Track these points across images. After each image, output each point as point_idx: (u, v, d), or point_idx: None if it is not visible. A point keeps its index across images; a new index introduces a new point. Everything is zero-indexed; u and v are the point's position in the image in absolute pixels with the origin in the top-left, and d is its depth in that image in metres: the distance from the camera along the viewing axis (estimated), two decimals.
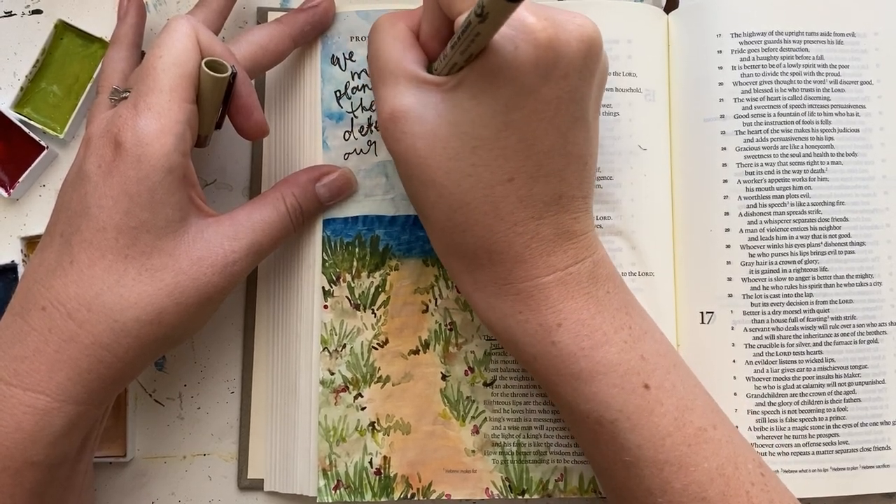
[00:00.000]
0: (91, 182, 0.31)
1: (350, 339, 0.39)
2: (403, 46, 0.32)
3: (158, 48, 0.32)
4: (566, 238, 0.32)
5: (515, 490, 0.39)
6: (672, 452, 0.31)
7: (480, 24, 0.27)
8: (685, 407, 0.32)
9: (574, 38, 0.29)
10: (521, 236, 0.31)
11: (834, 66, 0.40)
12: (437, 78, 0.31)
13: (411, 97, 0.31)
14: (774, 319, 0.38)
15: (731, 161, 0.39)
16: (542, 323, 0.32)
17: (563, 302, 0.32)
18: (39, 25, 0.42)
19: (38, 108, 0.41)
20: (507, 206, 0.31)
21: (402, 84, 0.31)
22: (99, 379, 0.31)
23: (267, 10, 0.42)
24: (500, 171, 0.31)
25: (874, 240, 0.39)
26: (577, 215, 0.32)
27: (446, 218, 0.32)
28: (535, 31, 0.29)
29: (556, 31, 0.29)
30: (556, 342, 0.31)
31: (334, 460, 0.39)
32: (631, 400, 0.31)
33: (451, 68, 0.31)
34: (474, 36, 0.28)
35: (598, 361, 0.31)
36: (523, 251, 0.31)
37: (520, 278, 0.32)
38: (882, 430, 0.39)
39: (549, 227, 0.32)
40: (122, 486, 0.41)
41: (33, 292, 0.32)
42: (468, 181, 0.31)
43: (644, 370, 0.32)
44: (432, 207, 0.32)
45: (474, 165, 0.31)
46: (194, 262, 0.33)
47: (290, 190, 0.37)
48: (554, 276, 0.32)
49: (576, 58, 0.30)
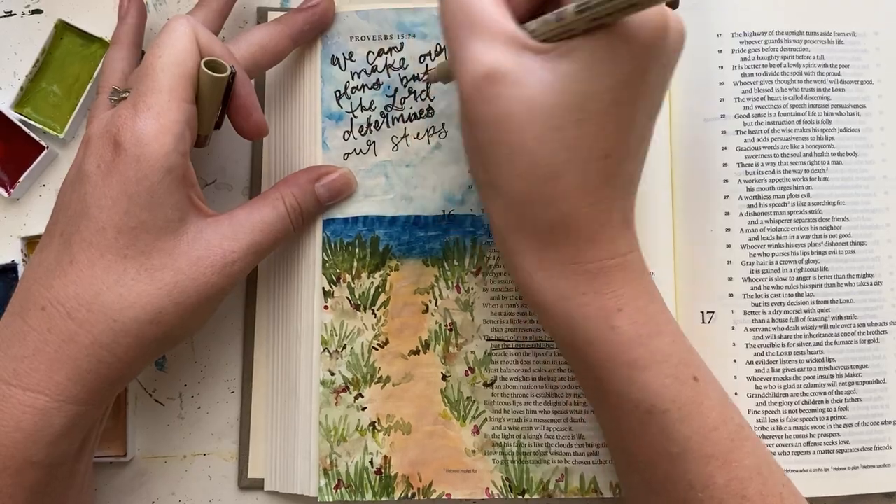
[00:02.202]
0: (90, 182, 0.31)
1: (350, 340, 0.39)
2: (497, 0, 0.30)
3: (157, 48, 0.32)
4: (627, 225, 0.32)
5: (516, 490, 0.39)
6: (718, 446, 0.31)
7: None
8: (726, 402, 0.32)
9: (676, 29, 0.29)
10: (601, 215, 0.31)
11: (834, 65, 0.40)
12: (539, 45, 0.29)
13: (513, 58, 0.29)
14: (775, 319, 0.38)
15: (731, 161, 0.39)
16: (602, 306, 0.31)
17: (624, 287, 0.31)
18: (39, 25, 0.42)
19: (39, 108, 0.41)
20: (596, 182, 0.30)
21: (501, 41, 0.29)
22: (98, 379, 0.31)
23: (267, 10, 0.42)
24: (598, 147, 0.30)
25: (875, 239, 0.39)
26: (633, 203, 0.32)
27: (532, 189, 0.30)
28: (668, 18, 0.28)
29: (668, 18, 0.29)
30: (615, 327, 0.31)
31: (335, 460, 0.39)
32: (683, 391, 0.31)
33: (562, 33, 0.28)
34: (628, 4, 0.26)
35: (654, 350, 0.31)
36: (598, 230, 0.31)
37: (587, 258, 0.31)
38: (883, 430, 0.39)
39: (620, 211, 0.31)
40: (123, 486, 0.41)
41: (33, 292, 0.32)
42: (565, 154, 0.29)
43: (693, 363, 0.32)
44: (517, 177, 0.30)
45: (577, 138, 0.29)
46: (193, 262, 0.33)
47: (289, 190, 0.37)
48: (616, 261, 0.31)
49: (676, 49, 0.30)
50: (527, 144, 0.29)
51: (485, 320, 0.39)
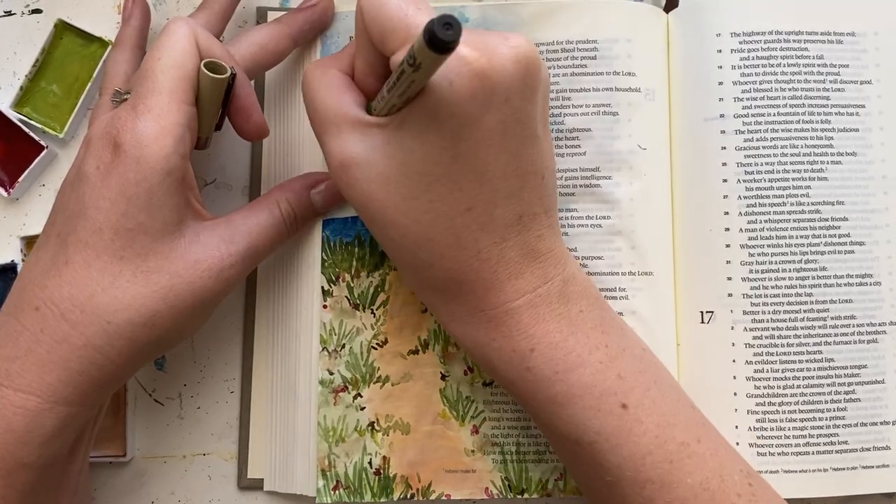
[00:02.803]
0: (89, 183, 0.31)
1: (349, 339, 0.39)
2: (339, 92, 0.32)
3: (157, 50, 0.32)
4: (532, 258, 0.32)
5: (515, 489, 0.39)
6: (654, 471, 0.31)
7: (414, 73, 0.27)
8: (666, 423, 0.31)
9: (509, 62, 0.29)
10: (487, 262, 0.31)
11: (834, 65, 0.40)
12: (379, 119, 0.31)
13: (358, 143, 0.31)
14: (774, 319, 0.38)
15: (730, 160, 0.39)
16: (515, 349, 0.32)
17: (535, 326, 0.31)
18: (39, 25, 0.42)
19: (38, 108, 0.41)
20: (469, 235, 0.31)
21: (346, 131, 0.31)
22: (90, 381, 0.31)
23: (266, 10, 0.42)
24: (457, 203, 0.30)
25: (874, 239, 0.39)
26: (541, 232, 0.32)
27: (411, 256, 0.32)
28: (468, 63, 0.28)
29: (489, 58, 0.28)
30: (530, 368, 0.31)
31: (333, 460, 0.39)
32: (608, 421, 0.31)
33: (390, 109, 0.30)
34: (409, 83, 0.27)
35: (572, 385, 0.31)
36: (491, 277, 0.31)
37: (490, 305, 0.32)
38: (882, 430, 0.39)
39: (513, 249, 0.31)
40: (122, 486, 0.41)
41: (27, 292, 0.32)
42: (427, 217, 0.31)
43: (621, 389, 0.31)
44: (396, 248, 0.32)
45: (431, 202, 0.30)
46: (190, 266, 0.32)
47: (284, 195, 0.37)
48: (524, 300, 0.31)
49: (514, 81, 0.29)
50: (391, 217, 0.31)
51: None
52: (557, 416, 0.31)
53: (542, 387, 0.31)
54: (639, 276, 0.39)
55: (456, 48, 0.24)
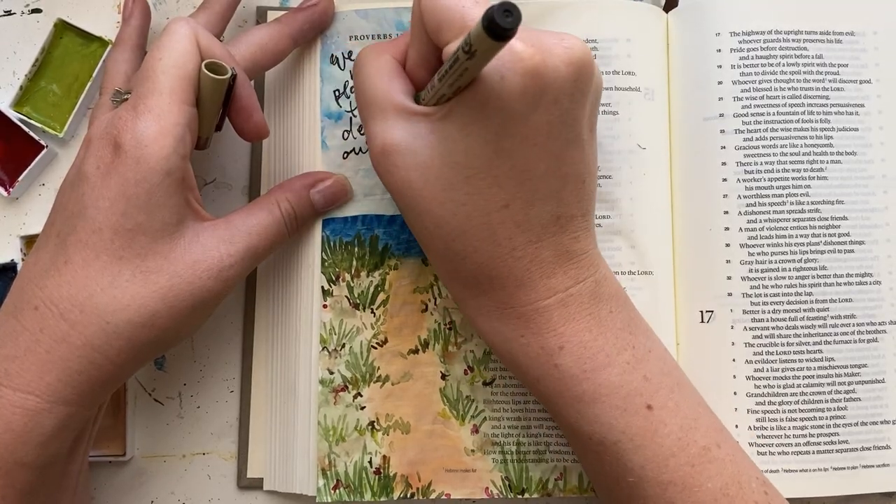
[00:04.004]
0: (89, 183, 0.31)
1: (349, 339, 0.39)
2: (389, 77, 0.32)
3: (158, 50, 0.32)
4: (566, 259, 0.32)
5: (515, 489, 0.39)
6: (676, 473, 0.31)
7: (468, 60, 0.26)
8: (689, 427, 0.32)
9: (562, 63, 0.29)
10: (521, 260, 0.31)
11: (833, 64, 0.40)
12: (425, 109, 0.31)
13: (401, 130, 0.31)
14: (774, 318, 0.38)
15: (730, 160, 0.39)
16: (543, 346, 0.32)
17: (565, 324, 0.31)
18: (39, 24, 0.42)
19: (38, 107, 0.41)
20: (505, 231, 0.31)
21: (391, 117, 0.31)
22: (89, 380, 0.31)
23: (266, 10, 0.42)
24: (495, 199, 0.30)
25: (874, 238, 0.39)
26: (577, 234, 0.32)
27: (445, 247, 0.32)
28: (522, 60, 0.28)
29: (543, 57, 0.28)
30: (558, 365, 0.31)
31: (333, 460, 0.39)
32: (634, 421, 0.31)
33: (438, 99, 0.30)
34: (462, 71, 0.27)
35: (600, 384, 0.31)
36: (523, 275, 0.31)
37: (521, 302, 0.32)
38: (882, 430, 0.39)
39: (548, 250, 0.31)
40: (122, 486, 0.41)
41: (27, 292, 0.32)
42: (464, 210, 0.31)
43: (647, 391, 0.31)
44: (431, 237, 0.32)
45: (469, 194, 0.30)
46: (189, 266, 0.32)
47: (284, 195, 0.37)
48: (555, 299, 0.31)
49: (565, 82, 0.29)
50: (428, 207, 0.31)
51: None
52: (583, 414, 0.31)
53: (569, 384, 0.31)
54: (638, 275, 0.39)
55: (513, 37, 0.24)
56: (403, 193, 0.31)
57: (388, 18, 0.39)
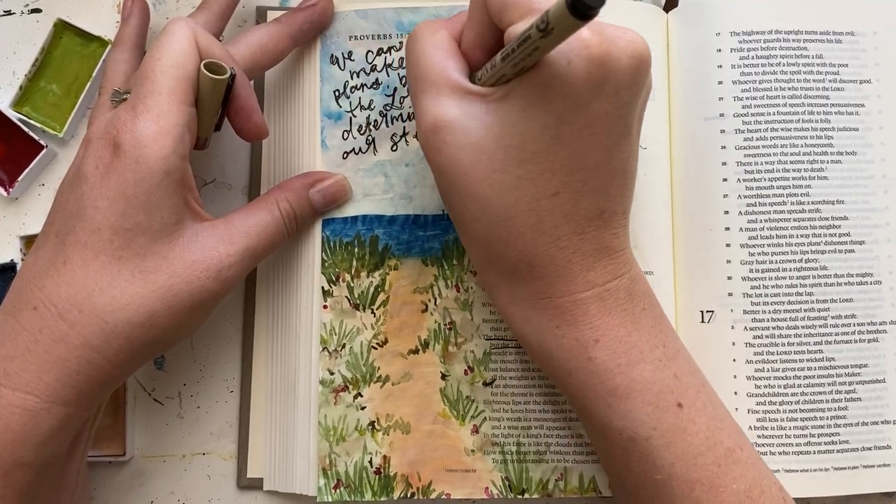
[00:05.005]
0: (88, 183, 0.31)
1: (349, 339, 0.39)
2: (445, 54, 0.32)
3: (157, 50, 0.32)
4: (606, 254, 0.32)
5: (515, 490, 0.39)
6: (704, 472, 0.31)
7: (542, 39, 0.26)
8: (715, 427, 0.32)
9: (625, 55, 0.29)
10: (564, 251, 0.31)
11: (833, 64, 0.40)
12: (482, 88, 0.30)
13: (455, 107, 0.30)
14: (774, 318, 0.38)
15: (730, 160, 0.39)
16: (578, 338, 0.31)
17: (601, 318, 0.31)
18: (39, 24, 0.42)
19: (38, 107, 0.41)
20: (552, 220, 0.31)
21: (445, 94, 0.31)
22: (88, 381, 0.31)
23: (266, 10, 0.42)
24: (546, 186, 0.30)
25: (874, 238, 0.39)
26: (617, 231, 0.32)
27: (488, 231, 0.31)
28: (589, 46, 0.28)
29: (608, 46, 0.28)
30: (592, 358, 0.31)
31: (334, 460, 0.39)
32: (665, 418, 0.31)
33: (497, 79, 0.30)
34: (532, 50, 0.27)
35: (633, 378, 0.31)
36: (564, 266, 0.31)
37: (559, 293, 0.31)
38: (883, 430, 0.39)
39: (590, 243, 0.31)
40: (121, 485, 0.41)
41: (26, 292, 0.32)
42: (513, 194, 0.30)
43: (677, 388, 0.32)
44: (473, 220, 0.31)
45: (520, 179, 0.30)
46: (188, 266, 0.32)
47: (283, 195, 0.37)
48: (593, 292, 0.31)
49: (626, 74, 0.29)
50: (475, 188, 0.30)
51: (484, 319, 0.39)
52: (614, 409, 0.31)
53: (602, 378, 0.31)
54: None
55: (596, 16, 0.24)
56: (450, 173, 0.31)
57: (388, 18, 0.39)
